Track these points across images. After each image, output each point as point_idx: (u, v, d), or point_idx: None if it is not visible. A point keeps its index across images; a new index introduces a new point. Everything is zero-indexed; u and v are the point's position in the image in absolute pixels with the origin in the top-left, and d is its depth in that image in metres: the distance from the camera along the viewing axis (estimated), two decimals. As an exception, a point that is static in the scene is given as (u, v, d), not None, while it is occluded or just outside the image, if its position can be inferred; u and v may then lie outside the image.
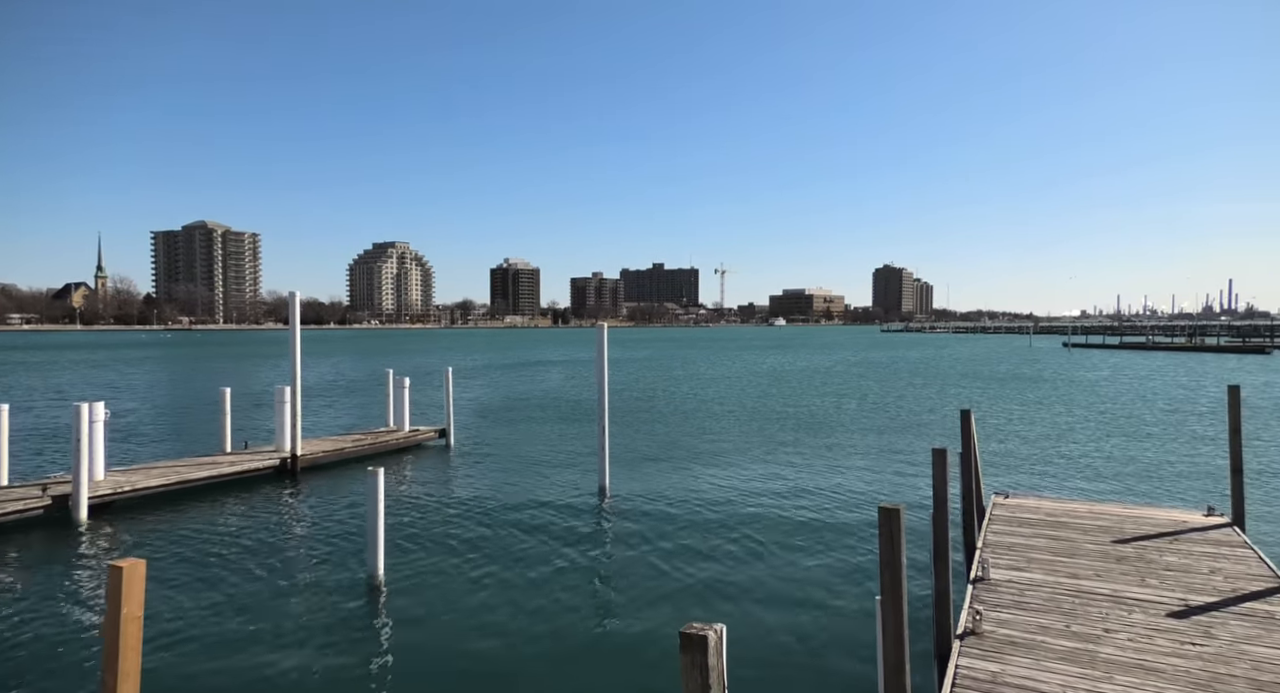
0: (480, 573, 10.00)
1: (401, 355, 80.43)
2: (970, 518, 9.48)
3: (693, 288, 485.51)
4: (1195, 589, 7.19)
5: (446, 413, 21.16)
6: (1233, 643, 5.98)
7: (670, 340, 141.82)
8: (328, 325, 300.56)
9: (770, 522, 12.50)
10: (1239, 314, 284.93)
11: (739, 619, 8.29)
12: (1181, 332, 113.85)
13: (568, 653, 7.63)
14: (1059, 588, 7.29)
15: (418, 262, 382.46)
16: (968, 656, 5.85)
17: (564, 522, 12.59)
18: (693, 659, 3.04)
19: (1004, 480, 15.18)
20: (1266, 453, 18.34)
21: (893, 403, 31.81)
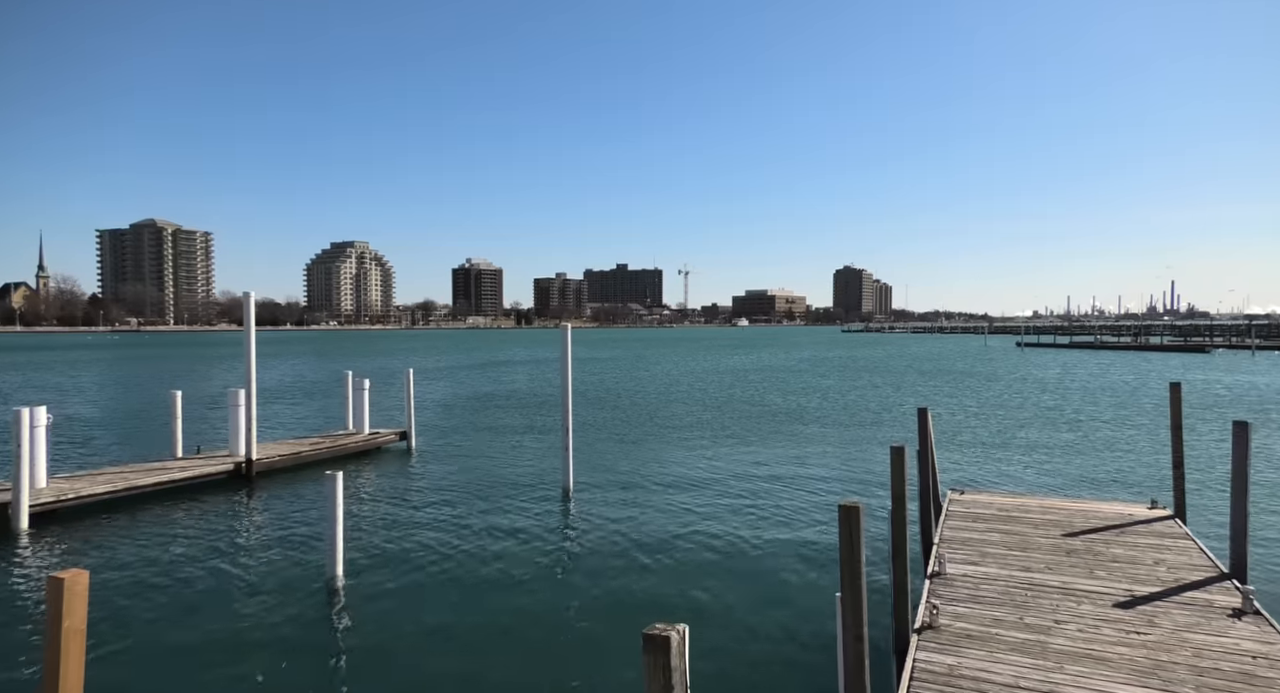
0: (442, 577, 9.89)
1: (361, 357, 79.05)
2: (927, 514, 9.68)
3: (657, 288, 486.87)
4: (1140, 580, 7.45)
5: (407, 415, 20.86)
6: (1174, 631, 6.21)
7: (634, 341, 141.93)
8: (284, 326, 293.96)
9: (733, 520, 12.59)
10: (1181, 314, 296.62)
11: (702, 618, 8.33)
12: (1128, 331, 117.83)
13: (531, 657, 7.58)
14: (1012, 581, 7.49)
15: (378, 262, 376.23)
16: (925, 649, 5.97)
17: (527, 524, 12.51)
18: (655, 660, 3.05)
19: (960, 476, 15.54)
20: (1206, 447, 19.09)
21: (853, 401, 32.31)
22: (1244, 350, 75.17)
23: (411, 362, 67.13)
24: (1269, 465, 16.81)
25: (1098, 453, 19.05)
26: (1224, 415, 25.45)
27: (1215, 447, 19.15)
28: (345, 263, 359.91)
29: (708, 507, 13.60)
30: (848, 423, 25.35)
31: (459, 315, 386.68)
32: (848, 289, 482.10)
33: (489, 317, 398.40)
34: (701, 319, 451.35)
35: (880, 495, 13.87)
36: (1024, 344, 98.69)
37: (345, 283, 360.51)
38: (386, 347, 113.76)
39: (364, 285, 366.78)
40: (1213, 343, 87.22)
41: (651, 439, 21.99)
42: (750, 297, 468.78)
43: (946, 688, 5.34)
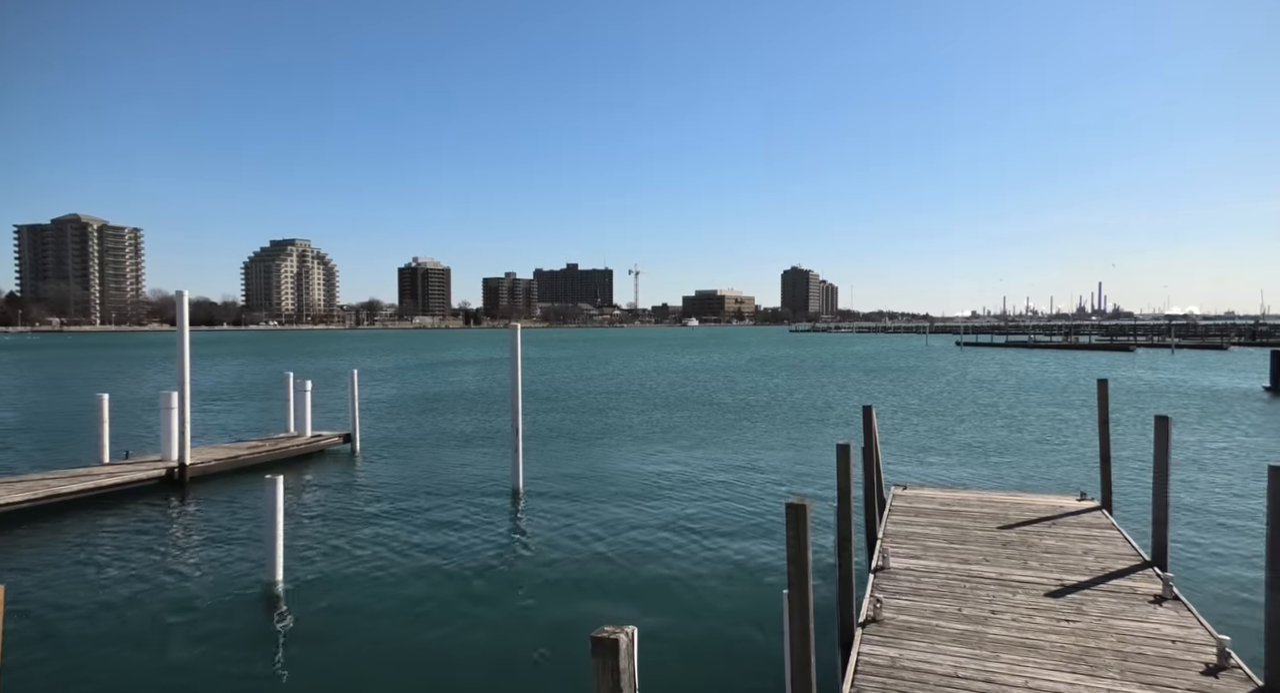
0: (387, 583, 9.68)
1: (303, 357, 76.80)
2: (872, 510, 9.92)
3: (607, 288, 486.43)
4: (1070, 569, 7.78)
5: (352, 417, 20.37)
6: (1101, 618, 6.50)
7: (585, 341, 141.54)
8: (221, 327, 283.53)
9: (683, 518, 12.67)
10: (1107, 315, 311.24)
11: (652, 618, 8.36)
12: (1059, 331, 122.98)
13: (477, 664, 7.48)
14: (951, 574, 7.73)
15: (320, 260, 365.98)
16: (869, 642, 6.12)
17: (475, 526, 12.35)
18: (604, 663, 3.04)
19: (904, 472, 15.95)
20: (1131, 441, 20.04)
21: (800, 399, 32.87)
22: (1164, 349, 79.28)
23: (356, 362, 65.56)
24: (1188, 458, 17.75)
25: (1032, 447, 19.81)
26: (1147, 411, 26.76)
27: (1139, 440, 20.12)
28: (286, 261, 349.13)
29: (658, 506, 13.65)
30: (795, 421, 25.77)
31: (405, 315, 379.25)
32: (795, 289, 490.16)
33: (436, 317, 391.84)
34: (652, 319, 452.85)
35: (827, 492, 14.14)
36: (963, 343, 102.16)
37: (286, 282, 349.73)
38: (330, 347, 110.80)
39: (306, 284, 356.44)
40: (1136, 342, 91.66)
41: (602, 439, 21.96)
42: (700, 297, 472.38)
43: (889, 680, 5.47)
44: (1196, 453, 18.59)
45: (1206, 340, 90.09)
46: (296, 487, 15.45)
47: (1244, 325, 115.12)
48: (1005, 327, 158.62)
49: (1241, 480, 15.37)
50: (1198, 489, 14.55)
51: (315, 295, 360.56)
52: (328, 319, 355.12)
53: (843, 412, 28.44)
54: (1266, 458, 17.73)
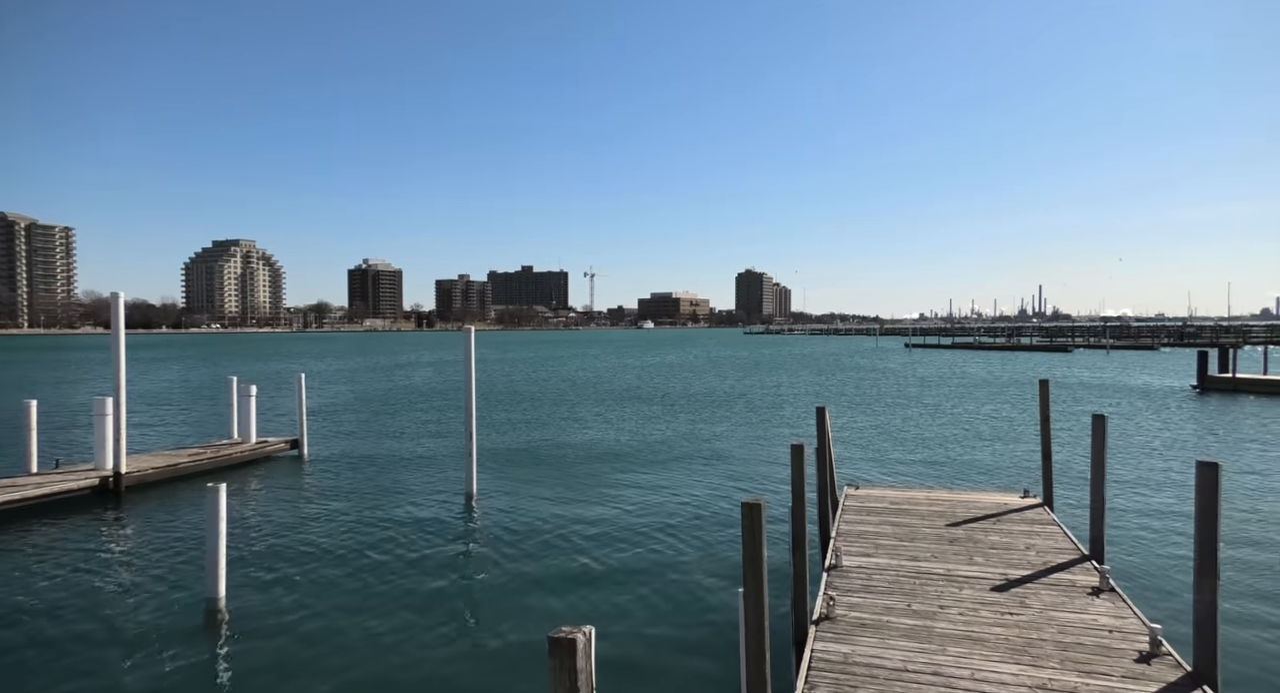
0: (337, 593, 9.44)
1: (248, 361, 74.50)
2: (825, 509, 10.08)
3: (562, 291, 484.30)
4: (1014, 564, 8.03)
5: (299, 422, 19.83)
6: (1042, 611, 6.73)
7: (541, 343, 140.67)
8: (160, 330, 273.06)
9: (640, 518, 12.67)
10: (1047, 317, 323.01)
11: (610, 618, 8.33)
12: (1002, 333, 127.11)
13: (433, 674, 7.35)
14: (901, 571, 7.90)
15: (265, 261, 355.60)
16: (822, 640, 6.21)
17: (429, 532, 12.14)
18: (561, 663, 3.02)
19: (855, 471, 16.25)
20: (1071, 438, 20.80)
21: (755, 399, 33.22)
22: (1100, 350, 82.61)
23: (304, 365, 63.89)
24: (1124, 455, 18.51)
25: (978, 446, 20.41)
26: (1085, 409, 27.83)
27: (1079, 437, 20.89)
28: (229, 262, 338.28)
29: (614, 507, 13.63)
30: (751, 420, 26.03)
31: (356, 318, 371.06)
32: (749, 292, 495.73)
33: (388, 319, 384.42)
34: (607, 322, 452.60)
35: (782, 491, 14.30)
36: (912, 345, 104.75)
37: (229, 283, 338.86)
38: (276, 350, 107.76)
39: (250, 286, 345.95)
40: (1074, 343, 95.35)
41: (557, 441, 21.83)
42: (655, 299, 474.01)
43: (842, 676, 5.56)
44: (1131, 450, 19.40)
45: (1139, 341, 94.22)
46: (240, 495, 14.97)
47: (1173, 327, 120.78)
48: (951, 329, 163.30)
49: (1172, 475, 16.10)
50: (1132, 485, 15.18)
51: (261, 297, 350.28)
52: (274, 322, 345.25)
53: (796, 411, 28.84)
54: (1194, 453, 18.61)
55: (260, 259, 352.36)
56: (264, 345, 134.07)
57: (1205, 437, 21.80)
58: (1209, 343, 78.50)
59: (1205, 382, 36.09)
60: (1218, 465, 5.62)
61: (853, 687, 5.38)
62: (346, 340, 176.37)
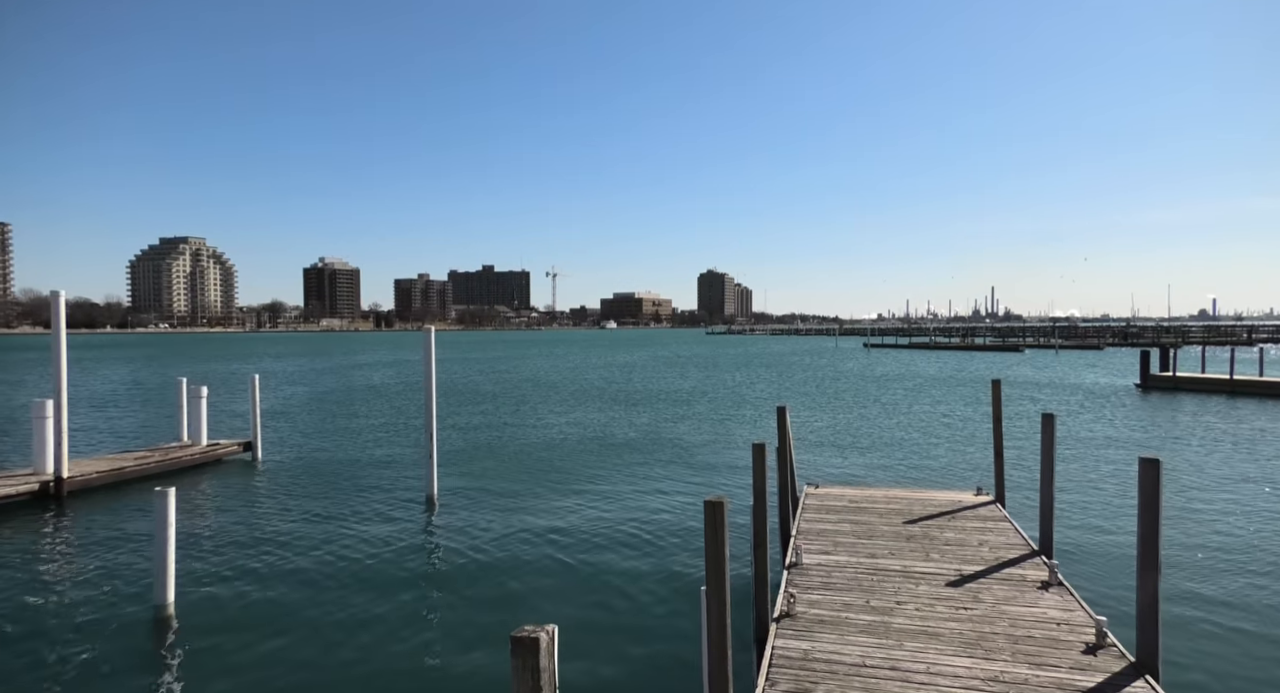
0: (292, 599, 9.22)
1: (198, 361, 72.37)
2: (786, 508, 10.21)
3: (524, 291, 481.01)
4: (967, 560, 8.23)
5: (252, 424, 19.34)
6: (995, 605, 6.91)
7: (502, 343, 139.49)
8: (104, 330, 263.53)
9: (602, 519, 12.65)
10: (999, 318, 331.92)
11: (573, 617, 8.30)
12: (956, 333, 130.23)
13: (390, 681, 7.23)
14: (860, 568, 8.04)
15: (216, 259, 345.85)
16: (782, 637, 6.28)
17: (388, 535, 11.94)
18: (523, 662, 3.00)
19: (815, 470, 16.47)
20: (1022, 436, 21.39)
21: (717, 399, 33.44)
22: (1049, 350, 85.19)
23: (259, 366, 62.30)
24: (1072, 452, 19.11)
25: (934, 444, 20.86)
26: (1035, 408, 28.67)
27: (1027, 435, 21.50)
28: (178, 260, 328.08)
29: (577, 506, 13.59)
30: (712, 420, 26.18)
31: (312, 318, 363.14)
32: (711, 292, 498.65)
33: (345, 319, 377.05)
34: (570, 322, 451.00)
35: (743, 490, 14.43)
36: (870, 345, 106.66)
37: (178, 282, 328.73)
38: (228, 351, 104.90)
39: (200, 285, 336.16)
40: (1025, 343, 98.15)
41: (519, 441, 21.68)
42: (618, 299, 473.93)
43: (801, 672, 5.64)
44: (1079, 447, 20.04)
45: (1085, 341, 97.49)
46: (190, 499, 14.53)
47: (1117, 327, 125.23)
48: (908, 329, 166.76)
49: (1117, 471, 16.68)
50: (1080, 481, 15.68)
51: (211, 297, 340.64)
52: (226, 322, 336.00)
53: (757, 410, 29.11)
54: (1138, 450, 19.31)
55: (211, 257, 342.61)
56: (215, 346, 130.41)
57: (1147, 434, 22.63)
58: (1151, 343, 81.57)
59: (1147, 380, 37.48)
60: (1159, 462, 5.84)
61: (812, 683, 5.45)
62: (302, 341, 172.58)
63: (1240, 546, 11.09)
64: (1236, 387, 33.87)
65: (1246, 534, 11.68)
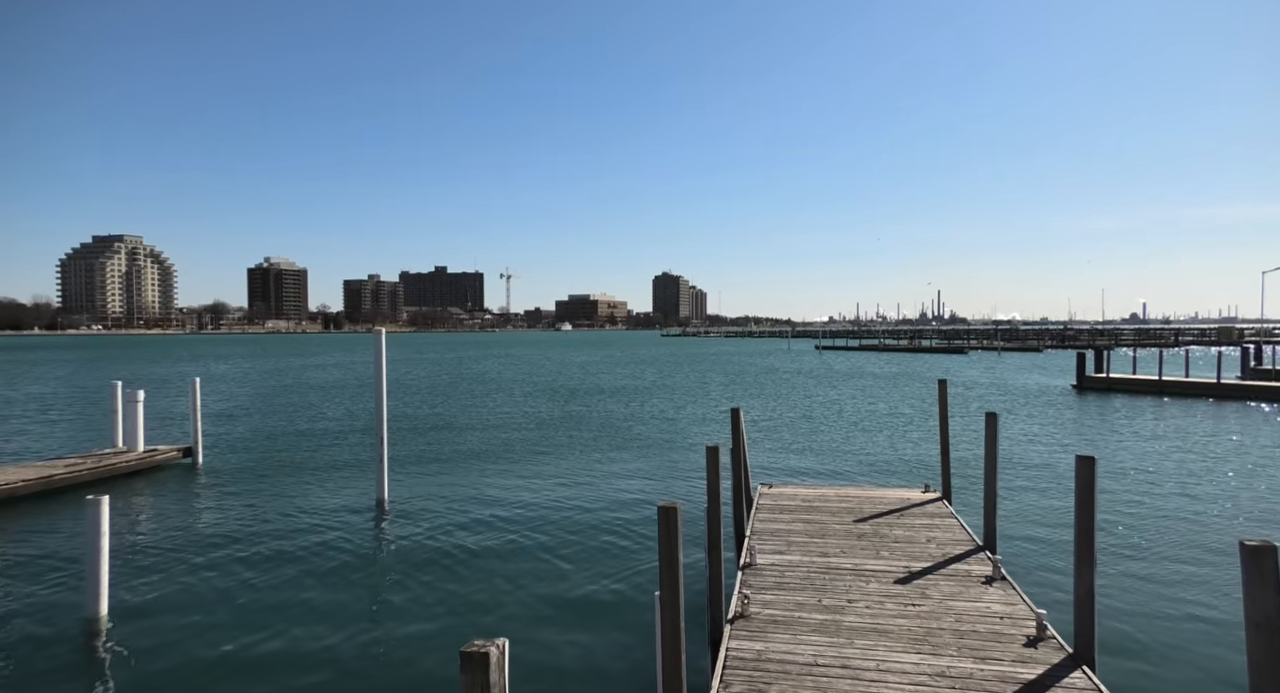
0: (233, 609, 8.91)
1: (135, 364, 69.56)
2: (740, 508, 10.29)
3: (478, 292, 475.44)
4: (915, 557, 8.42)
5: (193, 428, 18.66)
6: (942, 601, 7.09)
7: (454, 345, 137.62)
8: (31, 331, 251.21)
9: (557, 524, 12.57)
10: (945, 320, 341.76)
11: (526, 627, 8.22)
12: (905, 335, 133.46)
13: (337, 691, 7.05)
14: (813, 567, 8.15)
15: (154, 259, 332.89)
16: (737, 638, 6.33)
17: (335, 542, 11.65)
18: (473, 679, 2.95)
19: (769, 471, 16.66)
20: (967, 435, 22.02)
21: (672, 400, 33.55)
22: (992, 351, 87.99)
23: (199, 369, 60.17)
24: (1013, 450, 19.74)
25: (884, 443, 21.32)
26: (979, 407, 29.55)
27: (972, 433, 22.14)
28: (113, 259, 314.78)
29: (531, 513, 13.46)
30: (667, 420, 26.26)
31: (256, 319, 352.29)
32: (666, 295, 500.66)
33: (292, 320, 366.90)
34: (524, 324, 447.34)
35: (698, 491, 14.49)
36: (822, 347, 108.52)
37: (113, 281, 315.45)
38: (167, 353, 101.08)
39: (137, 285, 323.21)
40: (969, 345, 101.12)
41: (472, 444, 21.39)
42: (573, 301, 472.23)
43: (755, 673, 5.68)
44: (1021, 445, 20.73)
45: (1026, 344, 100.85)
46: (126, 508, 13.93)
47: (1055, 330, 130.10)
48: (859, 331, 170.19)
49: (1056, 468, 17.30)
50: (1022, 478, 16.21)
51: (149, 297, 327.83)
52: (164, 323, 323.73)
53: (711, 410, 29.31)
54: (1075, 448, 20.06)
55: (148, 256, 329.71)
56: (154, 348, 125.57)
57: (1083, 432, 23.54)
58: (1086, 345, 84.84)
59: (1083, 381, 38.98)
60: (1094, 459, 6.08)
61: (766, 683, 5.51)
62: (246, 342, 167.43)
63: (1170, 538, 11.60)
64: (1164, 387, 35.49)
65: (1175, 527, 12.23)
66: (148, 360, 78.26)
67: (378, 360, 14.33)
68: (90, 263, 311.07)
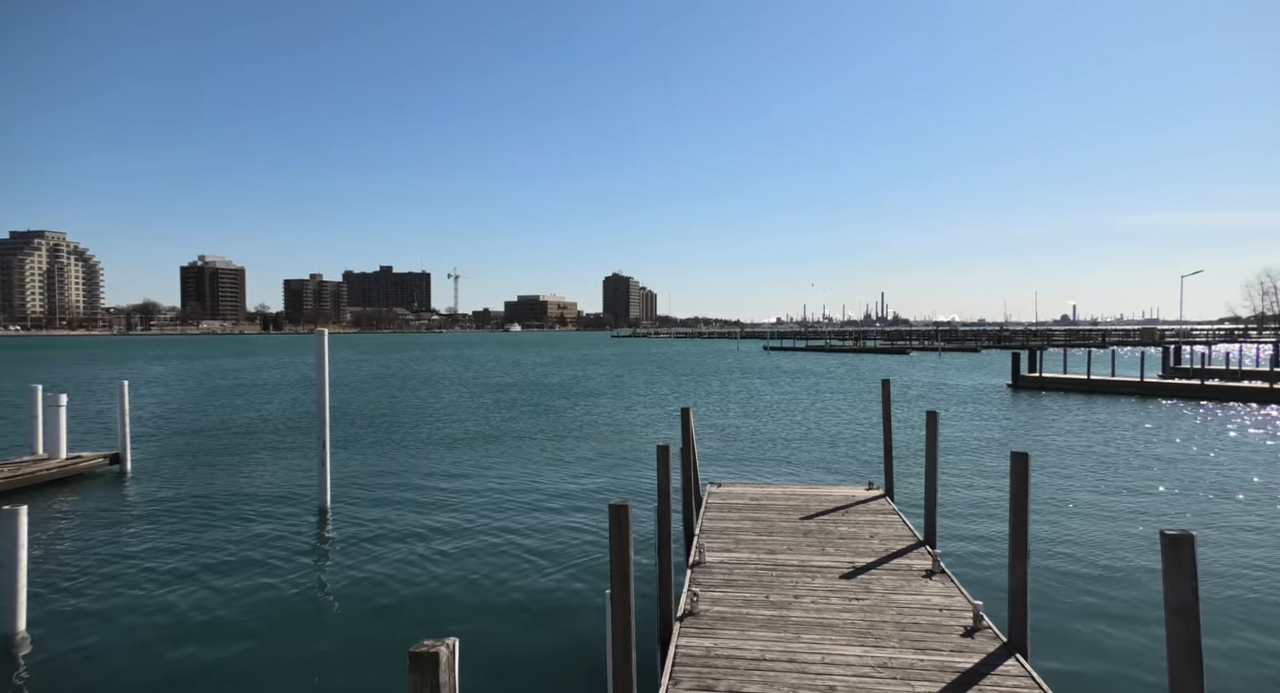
0: (163, 622, 8.54)
1: (58, 366, 66.08)
2: (689, 507, 10.36)
3: (425, 293, 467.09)
4: (859, 553, 8.62)
5: (120, 433, 17.83)
6: (884, 595, 7.27)
7: (401, 345, 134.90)
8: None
9: (506, 525, 12.44)
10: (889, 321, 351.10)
11: (475, 628, 8.12)
12: (849, 336, 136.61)
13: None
14: (760, 564, 8.26)
15: (78, 256, 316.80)
16: (686, 635, 6.37)
17: (276, 549, 11.29)
18: (422, 679, 2.90)
19: (719, 469, 16.82)
20: (909, 432, 22.64)
21: (622, 400, 33.57)
22: (933, 351, 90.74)
23: (128, 371, 57.55)
24: (953, 447, 20.39)
25: (829, 441, 21.75)
26: (921, 405, 30.42)
27: (913, 431, 22.78)
28: (31, 256, 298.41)
29: (479, 513, 13.29)
30: (617, 419, 26.26)
31: (191, 319, 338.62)
32: (616, 296, 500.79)
33: (229, 321, 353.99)
34: (472, 325, 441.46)
35: (648, 490, 14.54)
36: (770, 347, 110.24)
37: (32, 280, 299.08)
38: (94, 354, 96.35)
39: (59, 283, 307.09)
40: (911, 346, 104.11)
41: (418, 447, 21.00)
42: (522, 302, 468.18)
43: (704, 669, 5.73)
44: (960, 443, 21.42)
45: (964, 344, 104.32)
46: (45, 519, 13.23)
47: (992, 331, 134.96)
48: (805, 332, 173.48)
49: (993, 465, 17.93)
50: (961, 474, 16.76)
51: (72, 296, 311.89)
52: (90, 323, 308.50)
53: (661, 411, 29.44)
54: (1009, 444, 20.84)
55: (71, 253, 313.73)
56: (79, 350, 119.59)
57: (1018, 429, 24.47)
58: (1020, 346, 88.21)
59: (1018, 380, 40.53)
60: (1027, 456, 6.33)
61: (715, 679, 5.56)
62: (179, 343, 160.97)
63: (1097, 529, 12.15)
64: (1093, 386, 37.16)
65: (1102, 518, 12.82)
66: (70, 363, 74.48)
67: (320, 362, 13.95)
68: (7, 260, 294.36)
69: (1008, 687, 5.39)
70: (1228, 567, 10.22)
